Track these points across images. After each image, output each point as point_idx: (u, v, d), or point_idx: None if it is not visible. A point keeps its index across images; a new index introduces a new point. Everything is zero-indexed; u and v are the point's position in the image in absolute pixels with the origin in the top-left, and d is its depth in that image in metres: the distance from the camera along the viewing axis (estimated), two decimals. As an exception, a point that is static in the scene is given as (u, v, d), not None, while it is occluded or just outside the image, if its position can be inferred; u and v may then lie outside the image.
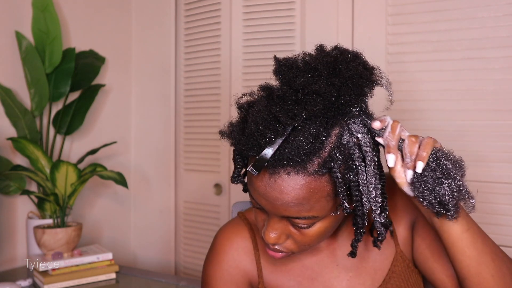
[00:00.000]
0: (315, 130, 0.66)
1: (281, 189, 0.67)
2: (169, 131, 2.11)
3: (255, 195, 0.71)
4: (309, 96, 0.65)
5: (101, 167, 1.70)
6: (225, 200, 1.95)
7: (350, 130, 0.68)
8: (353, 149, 0.67)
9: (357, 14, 1.65)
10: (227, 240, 0.88)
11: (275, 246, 0.75)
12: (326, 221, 0.72)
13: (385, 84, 0.72)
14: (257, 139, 0.66)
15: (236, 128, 0.71)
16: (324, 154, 0.66)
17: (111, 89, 2.09)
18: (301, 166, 0.65)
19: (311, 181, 0.66)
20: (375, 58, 1.63)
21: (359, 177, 0.68)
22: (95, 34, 2.02)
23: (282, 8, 1.79)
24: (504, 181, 1.43)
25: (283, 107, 0.65)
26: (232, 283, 0.85)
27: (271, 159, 0.66)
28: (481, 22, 1.45)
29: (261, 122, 0.66)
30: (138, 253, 2.21)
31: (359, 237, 0.74)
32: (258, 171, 0.67)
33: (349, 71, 0.67)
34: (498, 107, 1.42)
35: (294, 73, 0.68)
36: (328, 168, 0.66)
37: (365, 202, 0.68)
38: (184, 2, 2.06)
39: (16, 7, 1.74)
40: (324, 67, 0.68)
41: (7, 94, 1.66)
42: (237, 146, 0.70)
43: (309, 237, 0.73)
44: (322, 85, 0.66)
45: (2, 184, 1.64)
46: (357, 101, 0.68)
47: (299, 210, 0.68)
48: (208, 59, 1.98)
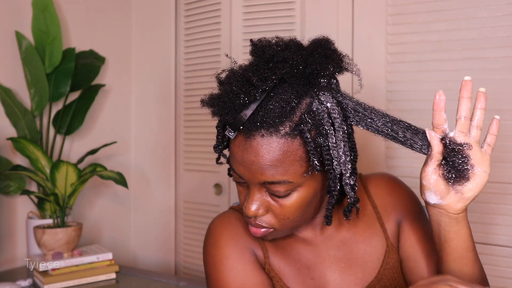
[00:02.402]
0: (286, 97, 0.72)
1: (256, 151, 0.72)
2: (169, 131, 2.11)
3: (234, 164, 0.77)
4: (278, 63, 0.73)
5: (101, 167, 1.70)
6: (225, 200, 1.95)
7: (320, 99, 0.74)
8: (322, 115, 0.73)
9: (357, 14, 1.65)
10: (227, 223, 0.88)
11: (256, 221, 0.78)
12: (302, 191, 0.76)
13: (355, 69, 0.79)
14: (232, 100, 0.72)
15: (214, 96, 0.76)
16: (295, 118, 0.72)
17: (111, 89, 2.09)
18: (274, 128, 0.71)
19: (284, 143, 0.72)
20: (375, 58, 1.64)
21: (329, 141, 0.73)
22: (95, 34, 2.02)
23: (282, 8, 1.79)
24: (504, 181, 1.43)
25: (255, 72, 0.73)
26: (246, 258, 0.84)
27: (246, 122, 0.72)
28: (481, 22, 1.45)
29: (235, 83, 0.73)
30: (138, 253, 2.21)
31: (332, 201, 0.78)
32: (234, 132, 0.73)
33: (315, 45, 0.76)
34: (498, 107, 1.42)
35: (267, 49, 0.77)
36: (299, 131, 0.72)
37: (336, 166, 0.73)
38: (184, 2, 2.06)
39: (16, 7, 1.74)
40: (294, 44, 0.77)
41: (7, 94, 1.66)
42: (215, 112, 0.76)
43: (287, 209, 0.76)
44: (290, 54, 0.74)
45: (2, 184, 1.64)
46: (324, 71, 0.74)
47: (274, 173, 0.73)
48: (208, 59, 1.98)
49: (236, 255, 0.83)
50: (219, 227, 0.87)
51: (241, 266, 0.82)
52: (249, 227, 0.80)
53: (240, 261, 0.82)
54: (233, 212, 0.90)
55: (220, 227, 0.87)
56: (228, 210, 0.93)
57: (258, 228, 0.79)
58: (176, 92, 2.10)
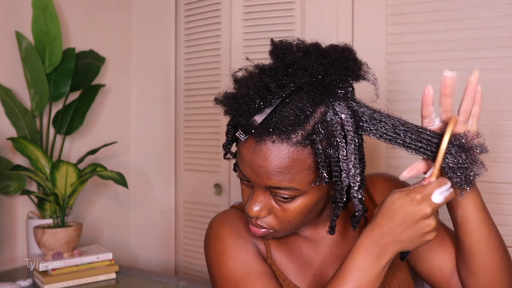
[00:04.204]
0: (302, 104, 0.71)
1: (265, 156, 0.72)
2: (169, 131, 2.11)
3: (241, 165, 0.77)
4: (298, 71, 0.72)
5: (101, 167, 1.70)
6: (225, 200, 1.95)
7: (335, 110, 0.73)
8: (336, 126, 0.72)
9: (357, 14, 1.65)
10: (229, 218, 0.88)
11: (257, 221, 0.78)
12: (307, 198, 0.76)
13: (372, 79, 0.78)
14: (247, 103, 0.71)
15: (229, 95, 0.76)
16: (308, 127, 0.71)
17: (111, 89, 2.09)
18: (285, 136, 0.71)
19: (294, 151, 0.71)
20: (375, 58, 1.64)
21: (339, 153, 0.72)
22: (95, 34, 2.02)
23: (282, 8, 1.79)
24: (504, 181, 1.43)
25: (273, 77, 0.72)
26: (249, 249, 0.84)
27: (259, 126, 0.71)
28: (481, 22, 1.45)
29: (252, 87, 0.72)
30: (138, 253, 2.21)
31: (337, 212, 0.78)
32: (245, 135, 0.73)
33: (337, 54, 0.74)
34: (498, 107, 1.42)
35: (287, 52, 0.75)
36: (310, 140, 0.71)
37: (344, 178, 0.73)
38: (184, 2, 2.06)
39: (16, 7, 1.74)
40: (315, 50, 0.76)
41: (7, 94, 1.66)
42: (228, 111, 0.76)
43: (289, 213, 0.76)
44: (311, 63, 0.72)
45: (2, 184, 1.64)
46: (343, 82, 0.73)
47: (281, 179, 0.72)
48: (208, 59, 1.98)
49: (239, 246, 0.83)
50: (221, 222, 0.88)
51: (244, 256, 0.82)
52: (250, 226, 0.81)
53: (243, 252, 0.82)
54: (234, 210, 0.91)
55: (221, 222, 0.87)
56: (230, 208, 0.94)
57: (258, 228, 0.80)
58: (176, 92, 2.10)
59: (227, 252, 0.82)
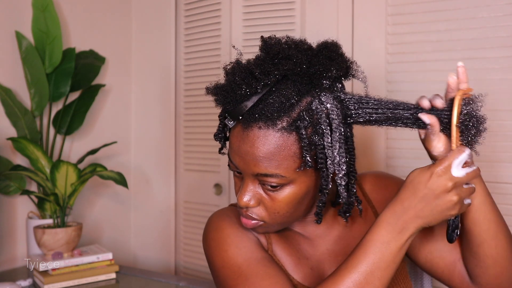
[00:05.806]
0: (287, 93, 0.74)
1: (252, 142, 0.75)
2: (169, 131, 2.11)
3: (231, 154, 0.80)
4: (283, 60, 0.76)
5: (101, 167, 1.70)
6: (225, 200, 1.95)
7: (321, 100, 0.75)
8: (321, 114, 0.74)
9: (357, 14, 1.65)
10: (229, 212, 0.89)
11: (247, 212, 0.80)
12: (295, 188, 0.77)
13: (361, 77, 0.81)
14: (234, 90, 0.75)
15: (219, 85, 0.80)
16: (294, 114, 0.74)
17: (111, 89, 2.09)
18: (271, 122, 0.73)
19: (279, 137, 0.74)
20: (375, 58, 1.64)
21: (324, 140, 0.74)
22: (95, 34, 2.02)
23: (282, 8, 1.79)
24: (504, 181, 1.43)
25: (259, 65, 0.75)
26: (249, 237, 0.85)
27: (246, 113, 0.75)
28: (481, 22, 1.45)
29: (238, 74, 0.76)
30: (138, 253, 2.21)
31: (323, 199, 0.79)
32: (233, 120, 0.76)
33: (322, 46, 0.79)
34: (498, 107, 1.42)
35: (275, 45, 0.79)
36: (295, 127, 0.74)
37: (329, 165, 0.75)
38: (184, 2, 2.06)
39: (16, 7, 1.74)
40: (302, 44, 0.81)
41: (7, 94, 1.66)
42: (217, 100, 0.79)
43: (278, 203, 0.78)
44: (295, 53, 0.76)
45: (2, 184, 1.64)
46: (326, 72, 0.75)
47: (267, 166, 0.75)
48: (208, 59, 1.98)
49: (240, 234, 0.84)
50: (220, 216, 0.89)
51: (244, 243, 0.83)
52: (241, 217, 0.83)
53: (244, 239, 0.84)
54: (233, 207, 0.93)
55: (221, 215, 0.89)
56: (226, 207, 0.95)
57: (248, 219, 0.81)
58: (176, 92, 2.10)
59: (228, 240, 0.84)
